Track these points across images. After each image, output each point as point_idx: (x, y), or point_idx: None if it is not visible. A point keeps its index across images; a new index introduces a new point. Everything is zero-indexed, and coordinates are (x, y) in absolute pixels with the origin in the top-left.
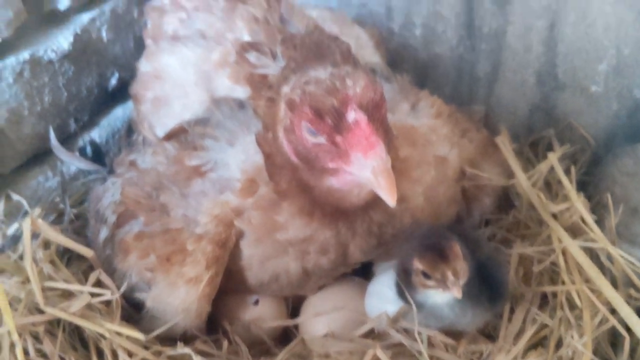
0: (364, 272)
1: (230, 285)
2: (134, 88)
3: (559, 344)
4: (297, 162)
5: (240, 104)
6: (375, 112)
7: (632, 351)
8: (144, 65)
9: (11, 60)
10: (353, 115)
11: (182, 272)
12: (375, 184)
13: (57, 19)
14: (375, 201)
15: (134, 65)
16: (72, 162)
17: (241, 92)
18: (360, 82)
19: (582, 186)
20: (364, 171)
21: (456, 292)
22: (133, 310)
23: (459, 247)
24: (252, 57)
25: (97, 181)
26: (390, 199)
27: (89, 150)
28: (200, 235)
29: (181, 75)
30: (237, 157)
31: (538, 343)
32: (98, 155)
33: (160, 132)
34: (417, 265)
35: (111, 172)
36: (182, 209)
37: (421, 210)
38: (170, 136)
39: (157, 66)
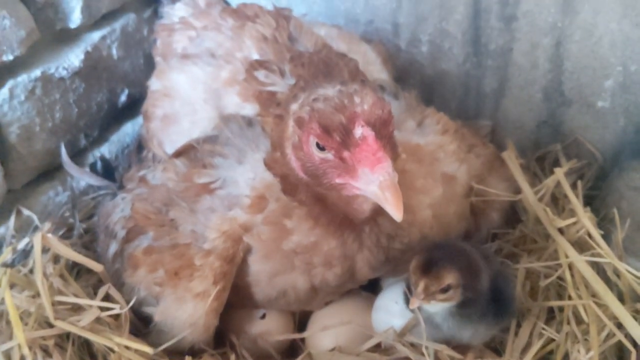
0: (371, 287)
1: (237, 301)
2: (145, 106)
3: (565, 359)
4: (305, 178)
5: (249, 122)
6: (383, 129)
7: None
8: (154, 84)
9: (23, 78)
10: (360, 131)
11: (190, 287)
12: (382, 198)
13: (68, 37)
14: (383, 212)
15: (143, 82)
16: (82, 178)
17: (250, 109)
18: (368, 100)
19: (588, 201)
20: (371, 186)
21: (410, 304)
22: (141, 324)
23: (453, 275)
24: (260, 75)
25: (106, 196)
26: (396, 213)
27: (99, 165)
28: (209, 250)
29: (190, 93)
30: (246, 174)
31: (544, 358)
32: (108, 170)
33: (170, 149)
34: (412, 264)
35: (121, 187)
36: (191, 224)
37: (429, 226)
38: (180, 153)
39: (167, 84)
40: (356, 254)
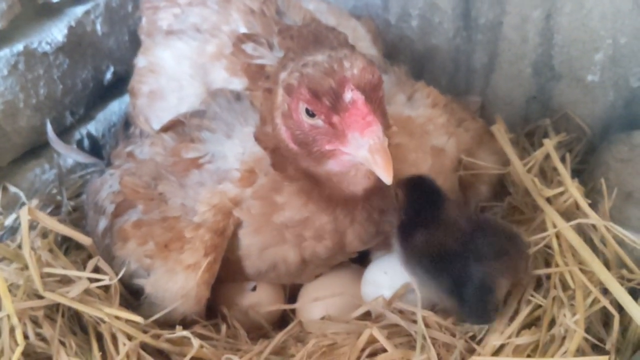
0: (361, 260)
1: (228, 274)
2: (131, 83)
3: (552, 324)
4: (295, 148)
5: (237, 96)
6: (373, 93)
7: (624, 330)
8: (140, 61)
9: (5, 52)
10: (350, 95)
11: (181, 259)
12: (371, 162)
13: (50, 11)
14: (375, 189)
15: (129, 59)
16: (69, 155)
17: (238, 83)
18: (357, 64)
19: (577, 174)
20: (361, 150)
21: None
22: (132, 298)
23: (401, 192)
24: (248, 48)
25: (94, 174)
26: (386, 176)
27: (86, 142)
28: (199, 224)
29: (176, 69)
30: (235, 149)
31: (532, 323)
32: (95, 147)
33: (156, 125)
34: None
35: (108, 164)
36: (180, 198)
37: None
38: (167, 129)
39: (153, 60)
40: (347, 228)
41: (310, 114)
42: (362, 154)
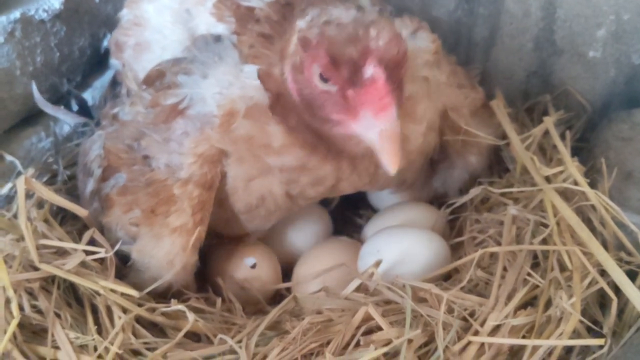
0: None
1: (221, 215)
2: (114, 36)
3: (548, 305)
4: (299, 102)
5: (217, 38)
6: (395, 71)
7: (620, 312)
8: (125, 14)
9: (2, 20)
10: (371, 70)
11: (167, 222)
12: (378, 147)
13: None
14: None
15: None
16: (57, 115)
17: (223, 29)
18: (384, 35)
19: (576, 152)
20: (370, 132)
21: None
22: (120, 264)
23: None
24: None
25: (85, 135)
26: (391, 166)
27: (73, 103)
28: (186, 179)
29: (158, 20)
30: (211, 89)
31: (528, 303)
32: (84, 108)
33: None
34: None
35: (98, 124)
36: (165, 154)
37: (418, 152)
38: (149, 80)
39: (137, 13)
40: (346, 177)
41: (324, 79)
42: (371, 137)
